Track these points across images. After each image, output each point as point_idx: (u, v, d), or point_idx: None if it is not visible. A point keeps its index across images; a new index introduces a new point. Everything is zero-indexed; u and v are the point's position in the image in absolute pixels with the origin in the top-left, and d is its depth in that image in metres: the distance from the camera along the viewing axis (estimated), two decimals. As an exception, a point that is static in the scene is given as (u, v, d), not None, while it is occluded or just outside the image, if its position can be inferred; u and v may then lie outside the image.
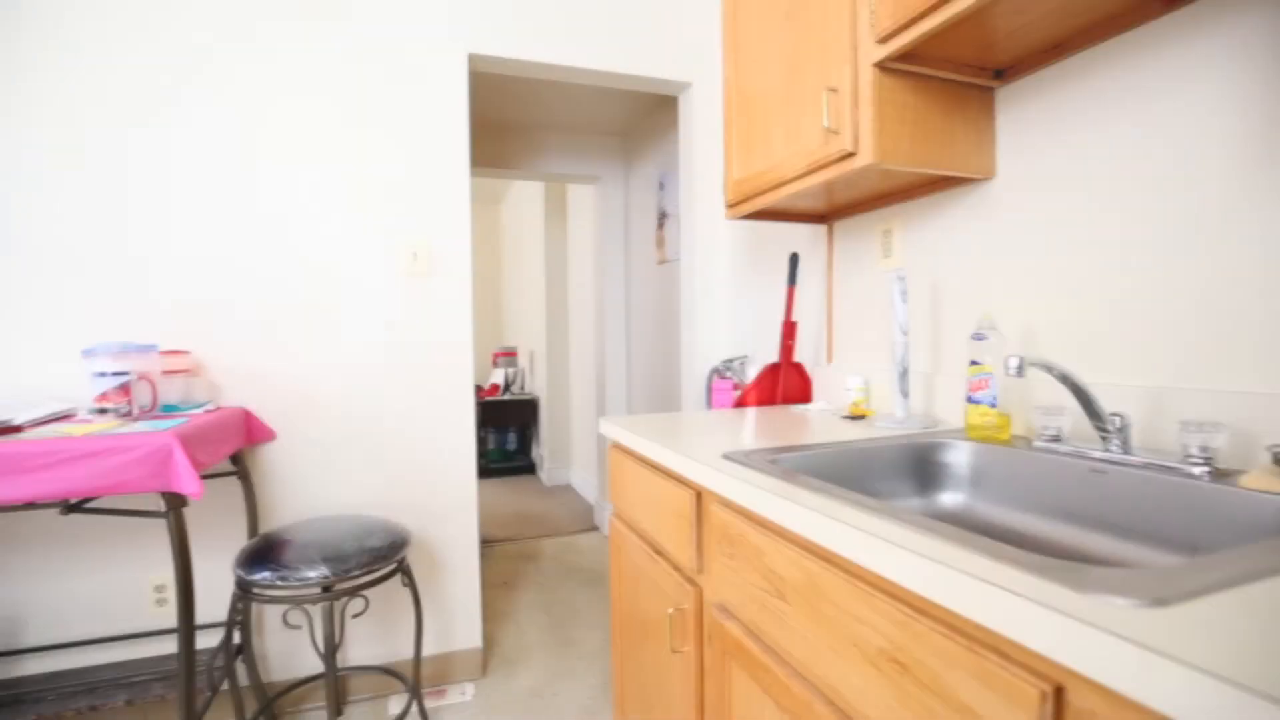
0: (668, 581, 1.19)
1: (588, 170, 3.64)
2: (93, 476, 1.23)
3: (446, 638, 2.10)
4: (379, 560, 1.52)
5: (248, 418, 1.79)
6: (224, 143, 1.84)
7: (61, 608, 1.76)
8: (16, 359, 1.69)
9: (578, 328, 4.52)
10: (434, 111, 2.02)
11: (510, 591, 2.84)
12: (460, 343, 2.06)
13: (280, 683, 1.94)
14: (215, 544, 1.85)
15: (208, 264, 1.83)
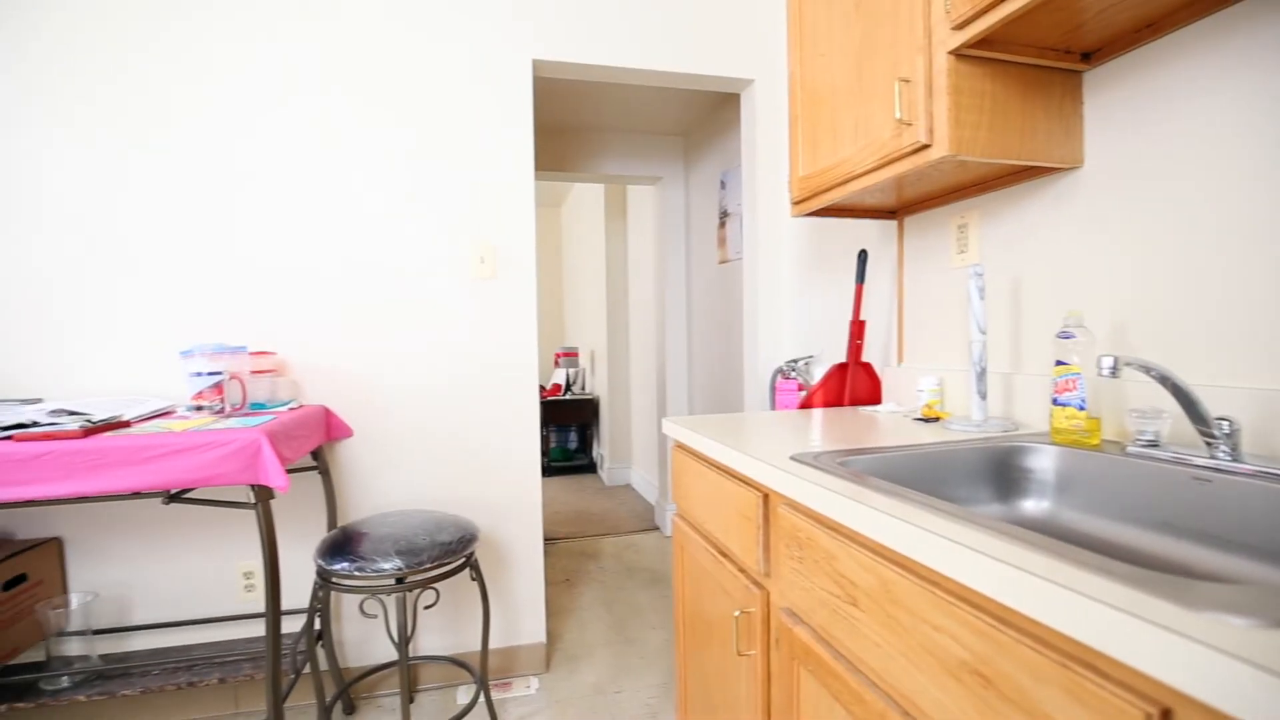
0: (733, 584, 1.17)
1: (648, 171, 3.65)
2: (191, 469, 1.32)
3: (512, 632, 2.15)
4: (449, 554, 1.57)
5: (327, 415, 1.88)
6: (304, 152, 1.94)
7: (163, 590, 1.90)
8: (124, 359, 1.84)
9: (638, 328, 4.54)
10: (499, 117, 2.07)
11: (572, 589, 2.88)
12: (525, 344, 2.11)
13: (356, 668, 2.03)
14: (298, 535, 1.96)
15: (291, 269, 1.94)
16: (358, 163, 1.97)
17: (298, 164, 1.94)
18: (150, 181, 1.85)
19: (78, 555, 1.84)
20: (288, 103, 1.92)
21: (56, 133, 1.79)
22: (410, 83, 2.00)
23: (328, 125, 1.95)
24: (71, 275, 1.81)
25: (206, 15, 1.87)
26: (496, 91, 2.06)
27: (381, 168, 1.99)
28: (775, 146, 2.29)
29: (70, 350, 1.82)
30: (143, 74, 1.84)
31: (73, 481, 1.28)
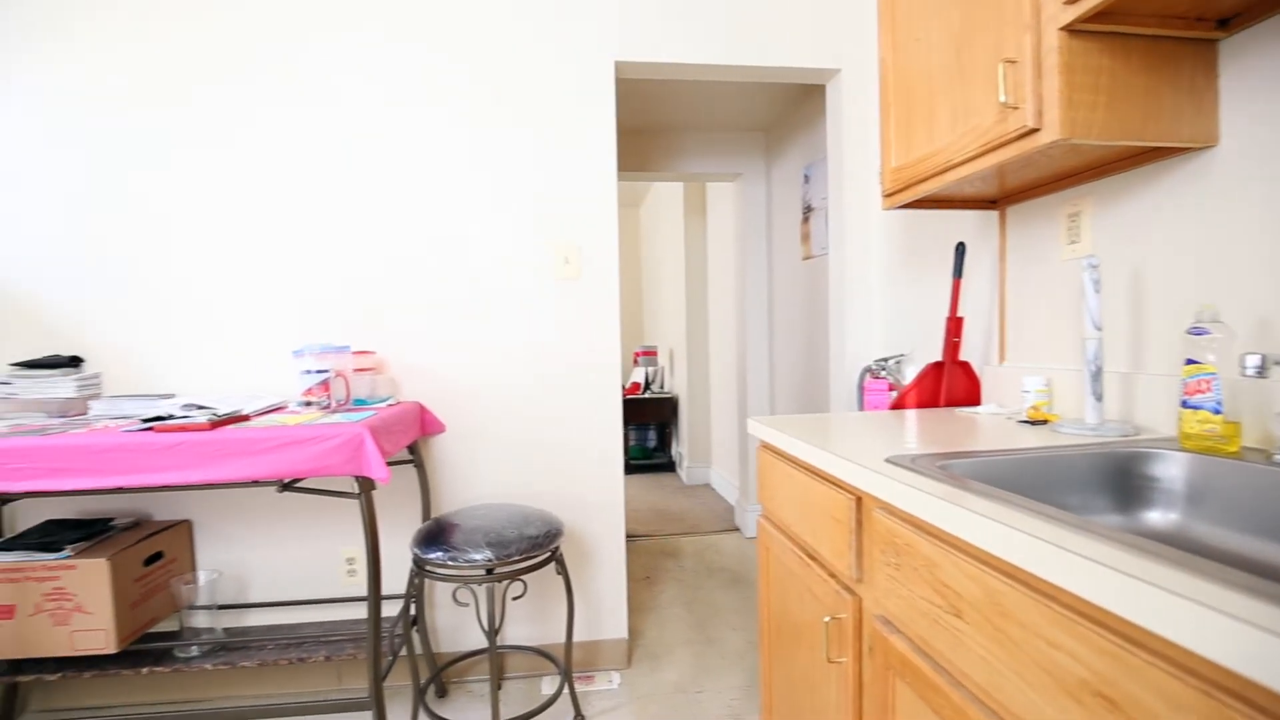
0: (822, 588, 1.14)
1: (728, 168, 3.62)
2: (302, 460, 1.42)
3: (594, 626, 2.18)
4: (536, 548, 1.61)
5: (422, 412, 1.97)
6: (401, 163, 2.04)
7: (275, 571, 2.05)
8: (244, 358, 2.00)
9: (718, 326, 4.51)
10: (583, 119, 2.10)
11: (652, 587, 2.89)
12: (608, 343, 2.13)
13: (448, 654, 2.11)
14: (395, 524, 2.06)
15: (389, 271, 2.04)
16: (449, 170, 2.06)
17: (395, 174, 2.04)
18: (265, 198, 2.00)
19: (205, 536, 2.02)
20: (389, 117, 2.03)
21: (178, 154, 1.97)
22: (498, 90, 2.07)
23: (423, 138, 2.04)
24: (200, 285, 1.99)
25: (329, 32, 2.00)
26: (580, 95, 2.10)
27: (470, 174, 2.07)
28: (863, 138, 2.21)
29: (199, 350, 1.99)
30: (264, 107, 1.99)
31: (201, 469, 1.40)
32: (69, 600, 1.63)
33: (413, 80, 2.04)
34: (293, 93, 2.00)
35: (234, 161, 1.99)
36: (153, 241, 1.97)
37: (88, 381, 1.82)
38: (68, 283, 1.96)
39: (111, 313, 1.97)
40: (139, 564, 1.75)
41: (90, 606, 1.63)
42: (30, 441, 1.41)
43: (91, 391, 1.83)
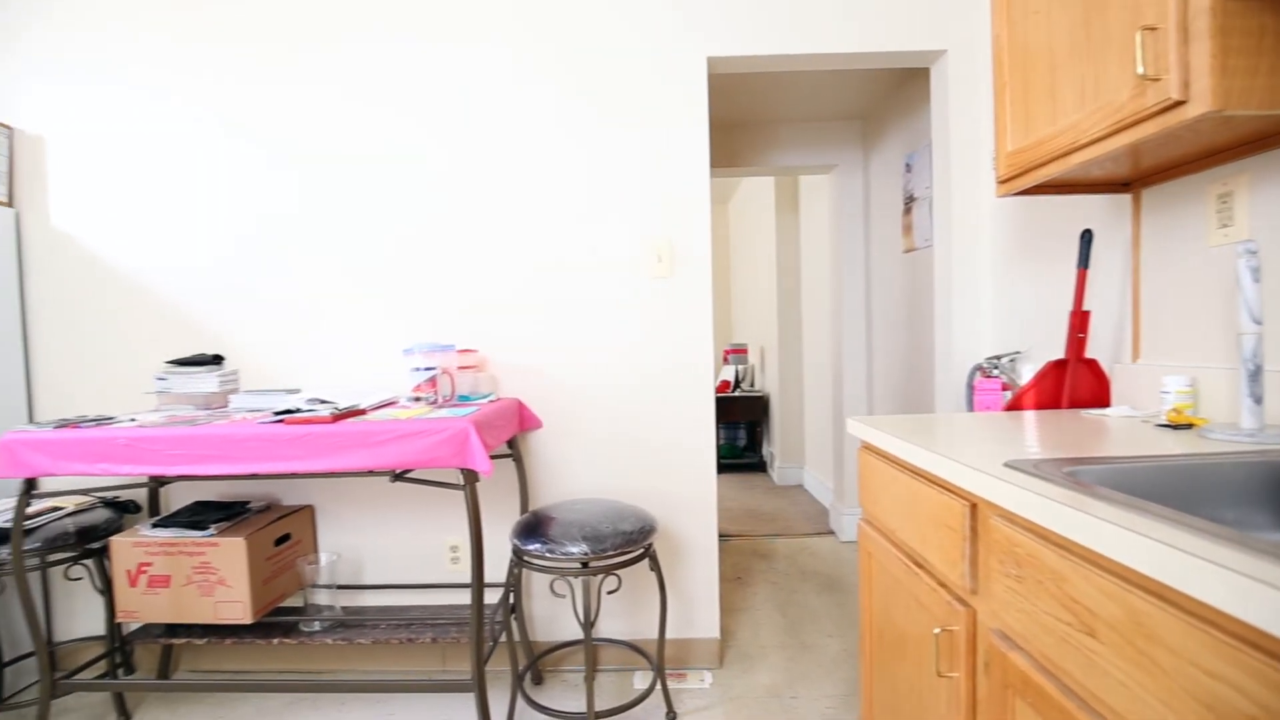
0: (931, 598, 1.09)
1: (823, 159, 3.51)
2: (413, 452, 1.50)
3: (686, 624, 2.18)
4: (630, 543, 1.63)
5: (520, 408, 2.04)
6: (499, 165, 2.12)
7: (386, 556, 2.18)
8: (359, 356, 2.15)
9: (811, 323, 4.39)
10: (675, 117, 2.10)
11: (744, 588, 2.86)
12: (701, 341, 2.12)
13: (543, 643, 2.18)
14: (494, 515, 2.14)
15: (489, 272, 2.13)
16: (544, 173, 2.12)
17: (493, 178, 2.12)
18: (376, 208, 2.13)
19: (325, 521, 2.18)
20: (484, 121, 2.11)
21: (298, 173, 2.14)
22: (591, 91, 2.10)
23: (517, 142, 2.11)
24: (320, 289, 2.15)
25: (425, 38, 2.11)
26: (672, 92, 2.10)
27: (564, 176, 2.11)
28: (972, 122, 2.08)
29: (319, 348, 2.16)
30: (373, 120, 2.13)
31: (325, 458, 1.52)
32: (213, 574, 1.80)
33: (506, 83, 2.11)
34: (394, 102, 2.12)
35: (349, 176, 2.13)
36: (278, 253, 2.16)
37: (228, 377, 2.01)
38: (209, 291, 2.17)
39: (245, 315, 2.17)
40: (271, 544, 1.91)
41: (230, 580, 1.80)
42: (184, 431, 1.58)
43: (231, 386, 2.02)
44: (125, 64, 2.17)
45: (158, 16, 2.16)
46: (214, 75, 2.16)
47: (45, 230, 2.21)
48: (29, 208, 2.21)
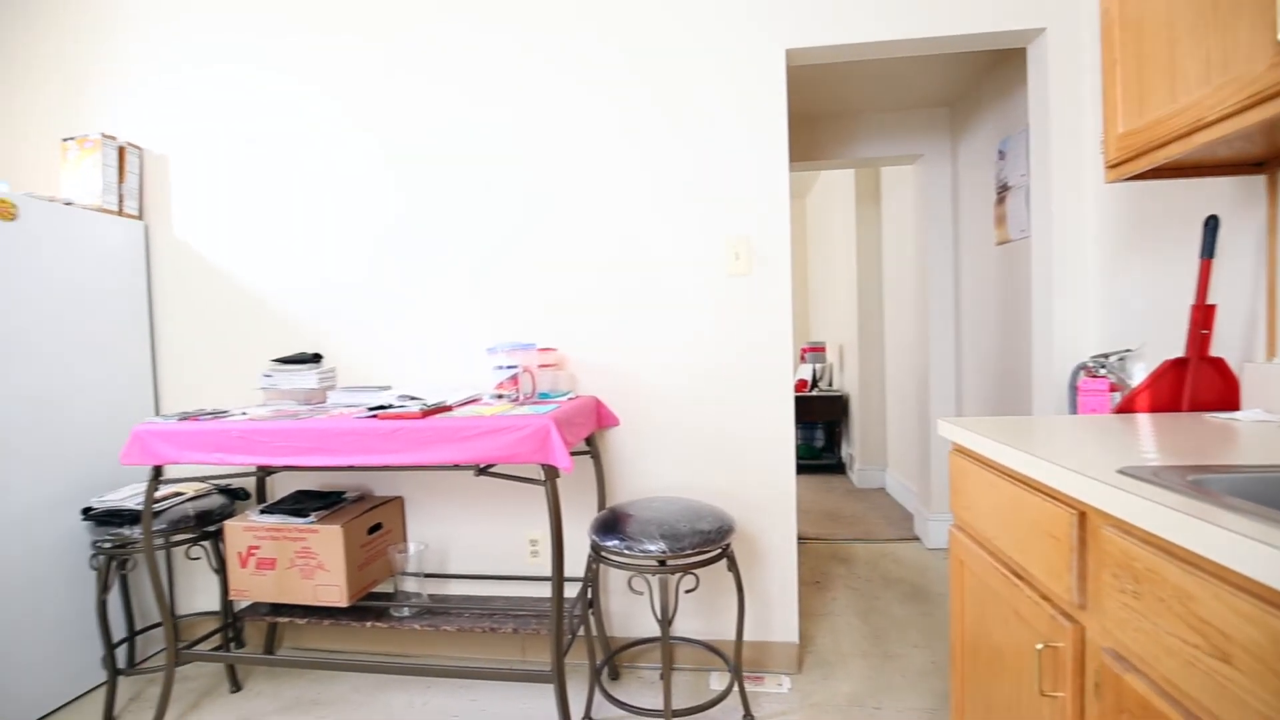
0: (1033, 612, 1.02)
1: (907, 149, 3.37)
2: (496, 448, 1.55)
3: (763, 627, 2.15)
4: (708, 543, 1.62)
5: (598, 406, 2.06)
6: (574, 167, 2.15)
7: (469, 547, 2.26)
8: (444, 354, 2.24)
9: (895, 320, 4.23)
10: (752, 112, 2.06)
11: (823, 592, 2.78)
12: (780, 339, 2.08)
13: (620, 639, 2.20)
14: (572, 511, 2.18)
15: (566, 272, 2.17)
16: (620, 170, 2.13)
17: (571, 176, 2.16)
18: (459, 213, 2.21)
19: (414, 512, 2.28)
20: (558, 120, 2.15)
21: (385, 187, 2.24)
22: (664, 85, 2.10)
23: (592, 141, 2.14)
24: (408, 290, 2.25)
25: (500, 33, 2.17)
26: (749, 88, 2.06)
27: (640, 173, 2.12)
28: (1075, 104, 1.94)
29: (408, 347, 2.26)
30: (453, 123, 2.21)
31: (415, 452, 1.59)
32: (313, 559, 1.92)
33: (580, 83, 2.14)
34: (472, 104, 2.19)
35: (435, 185, 2.23)
36: (369, 259, 2.27)
37: (326, 374, 2.13)
38: (308, 294, 2.32)
39: (340, 317, 2.30)
40: (364, 532, 2.02)
41: (329, 565, 1.91)
42: (289, 424, 1.69)
43: (329, 383, 2.14)
44: (229, 91, 2.35)
45: (258, 45, 2.32)
46: (311, 95, 2.30)
47: (169, 240, 2.43)
48: (156, 220, 2.43)
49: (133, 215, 2.39)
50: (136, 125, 2.44)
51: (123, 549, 1.96)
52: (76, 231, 2.16)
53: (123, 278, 2.33)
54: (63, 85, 2.51)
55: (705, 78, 2.08)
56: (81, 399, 2.16)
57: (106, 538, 1.96)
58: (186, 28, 2.39)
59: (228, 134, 2.37)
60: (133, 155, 2.39)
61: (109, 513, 1.97)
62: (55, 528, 2.05)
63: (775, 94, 2.05)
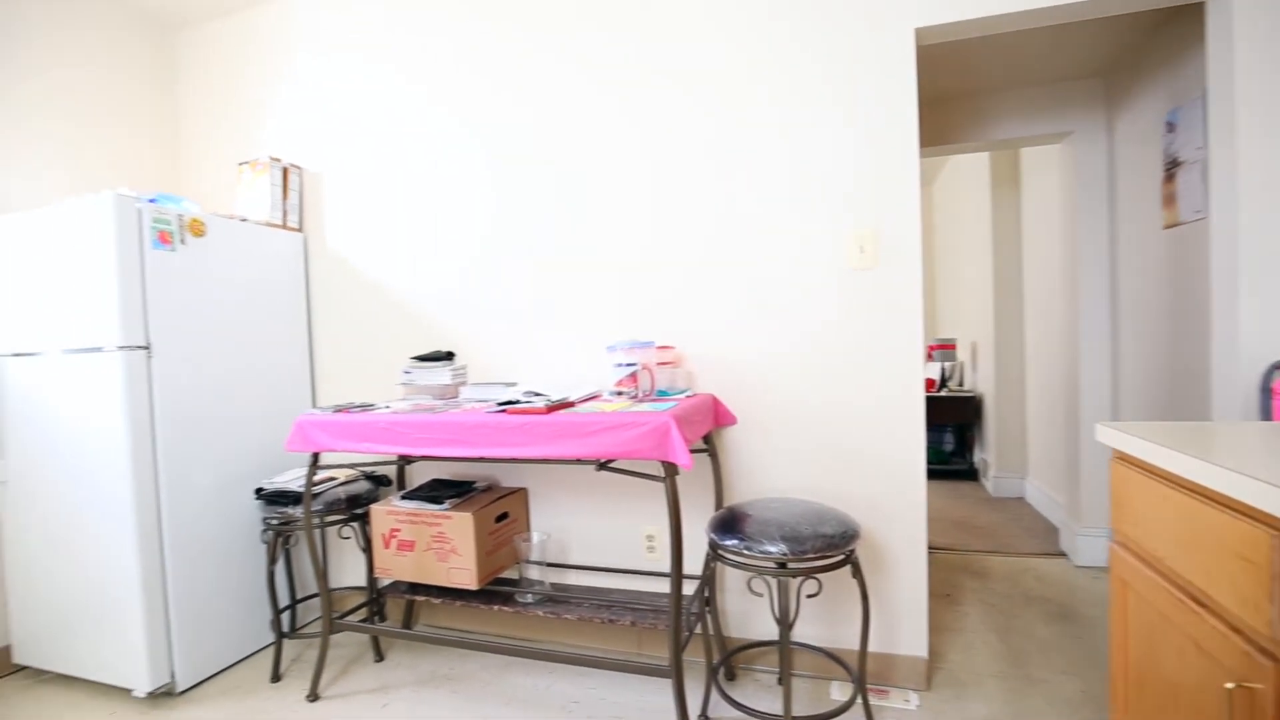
0: (1219, 645, 0.89)
1: (1052, 127, 3.07)
2: (617, 443, 1.58)
3: (888, 639, 2.04)
4: (831, 547, 1.56)
5: (715, 403, 2.05)
6: (693, 153, 2.14)
7: (589, 539, 2.32)
8: (566, 351, 2.31)
9: (1037, 314, 3.87)
10: (879, 98, 1.96)
11: (954, 606, 2.61)
12: (909, 336, 1.96)
13: (735, 639, 2.17)
14: (689, 508, 2.17)
15: (687, 270, 2.17)
16: (737, 161, 2.10)
17: (686, 171, 2.16)
18: (581, 213, 2.28)
19: (536, 503, 2.38)
20: (675, 110, 2.15)
21: (508, 192, 2.34)
22: (788, 75, 2.04)
23: (712, 130, 2.12)
24: (531, 290, 2.35)
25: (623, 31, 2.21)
26: (875, 71, 1.97)
27: (759, 164, 2.08)
28: (1269, 63, 1.68)
29: (532, 345, 2.36)
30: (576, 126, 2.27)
31: (541, 446, 1.65)
32: (447, 543, 2.05)
33: (695, 69, 2.13)
34: (600, 104, 2.24)
35: (555, 185, 2.31)
36: (495, 263, 2.40)
37: (458, 371, 2.27)
38: (441, 296, 2.49)
39: (470, 316, 2.45)
40: (493, 520, 2.13)
41: (461, 549, 2.04)
42: (427, 417, 1.82)
43: (461, 379, 2.28)
44: (370, 115, 2.57)
45: (394, 75, 2.52)
46: (439, 117, 2.46)
47: (323, 250, 2.69)
48: (313, 232, 2.71)
49: (294, 228, 2.67)
50: (297, 147, 2.73)
51: (287, 526, 2.20)
52: (250, 244, 2.44)
53: (286, 284, 2.60)
54: (238, 118, 2.86)
55: (828, 64, 2.01)
56: (254, 391, 2.44)
57: (274, 515, 2.20)
58: (336, 64, 2.65)
59: (369, 153, 2.60)
60: (294, 175, 2.67)
61: (276, 493, 2.22)
62: (234, 504, 2.33)
63: (904, 77, 1.94)
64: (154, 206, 2.08)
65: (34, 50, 2.49)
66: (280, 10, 2.77)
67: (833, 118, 2.01)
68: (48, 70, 2.53)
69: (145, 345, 2.06)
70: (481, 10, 2.40)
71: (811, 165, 2.03)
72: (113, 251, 1.98)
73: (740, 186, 2.11)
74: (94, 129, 2.69)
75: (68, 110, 2.60)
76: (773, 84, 2.06)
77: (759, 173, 2.08)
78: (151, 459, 2.07)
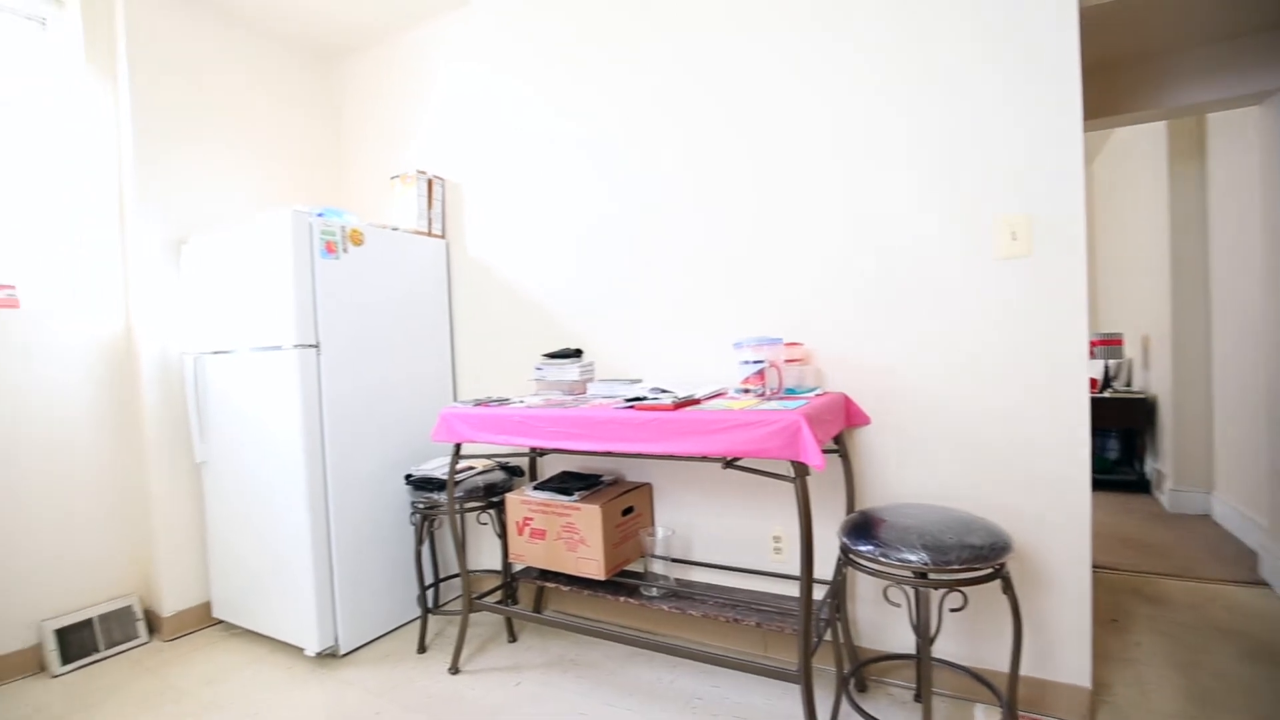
0: None
1: (1247, 87, 2.65)
2: (745, 442, 1.55)
3: (1043, 663, 1.86)
4: (979, 559, 1.44)
5: (847, 403, 1.96)
6: (820, 145, 2.06)
7: (713, 537, 2.31)
8: (690, 349, 2.31)
9: (1227, 306, 3.37)
10: (1032, 68, 1.78)
11: (1123, 634, 2.33)
12: (1071, 332, 1.77)
13: (866, 649, 2.07)
14: (818, 511, 2.10)
15: (813, 264, 2.09)
16: (864, 146, 2.00)
17: (810, 160, 2.08)
18: (701, 209, 2.27)
19: (661, 498, 2.40)
20: (797, 98, 2.08)
21: (629, 194, 2.37)
22: (922, 47, 1.91)
23: (836, 111, 2.03)
24: (656, 287, 2.38)
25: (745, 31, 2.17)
26: (1029, 39, 1.78)
27: (889, 146, 1.96)
28: None
29: (656, 342, 2.38)
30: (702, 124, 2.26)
31: (667, 442, 1.66)
32: (576, 534, 2.12)
33: (815, 46, 2.04)
34: (719, 100, 2.22)
35: (679, 185, 2.31)
36: (620, 262, 2.44)
37: (586, 368, 2.34)
38: (568, 295, 2.58)
39: (596, 315, 2.51)
40: (619, 513, 2.18)
41: (589, 540, 2.10)
42: (559, 412, 1.89)
43: (589, 376, 2.35)
44: (502, 127, 2.70)
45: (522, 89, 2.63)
46: (565, 127, 2.54)
47: (463, 255, 2.88)
48: (454, 238, 2.91)
49: (438, 235, 2.88)
50: (439, 159, 2.94)
51: (432, 510, 2.37)
52: (400, 251, 2.66)
53: (431, 286, 2.81)
54: (390, 134, 3.13)
55: (971, 31, 1.85)
56: (404, 386, 2.65)
57: (421, 500, 2.38)
58: (472, 83, 2.82)
59: (500, 162, 2.75)
60: (438, 185, 2.88)
61: (423, 480, 2.40)
62: (386, 489, 2.55)
63: (1064, 39, 1.74)
64: (321, 220, 2.32)
65: (220, 92, 2.86)
66: (424, 34, 2.99)
67: (980, 91, 1.85)
68: (235, 109, 2.90)
69: (315, 344, 2.30)
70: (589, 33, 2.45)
71: (953, 145, 1.88)
72: (289, 261, 2.23)
73: (870, 173, 2.00)
74: (273, 154, 3.04)
75: (252, 140, 2.96)
76: (907, 53, 1.93)
77: (891, 157, 1.96)
78: (320, 445, 2.32)
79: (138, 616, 2.59)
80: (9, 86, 2.44)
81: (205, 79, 2.79)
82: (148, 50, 2.61)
